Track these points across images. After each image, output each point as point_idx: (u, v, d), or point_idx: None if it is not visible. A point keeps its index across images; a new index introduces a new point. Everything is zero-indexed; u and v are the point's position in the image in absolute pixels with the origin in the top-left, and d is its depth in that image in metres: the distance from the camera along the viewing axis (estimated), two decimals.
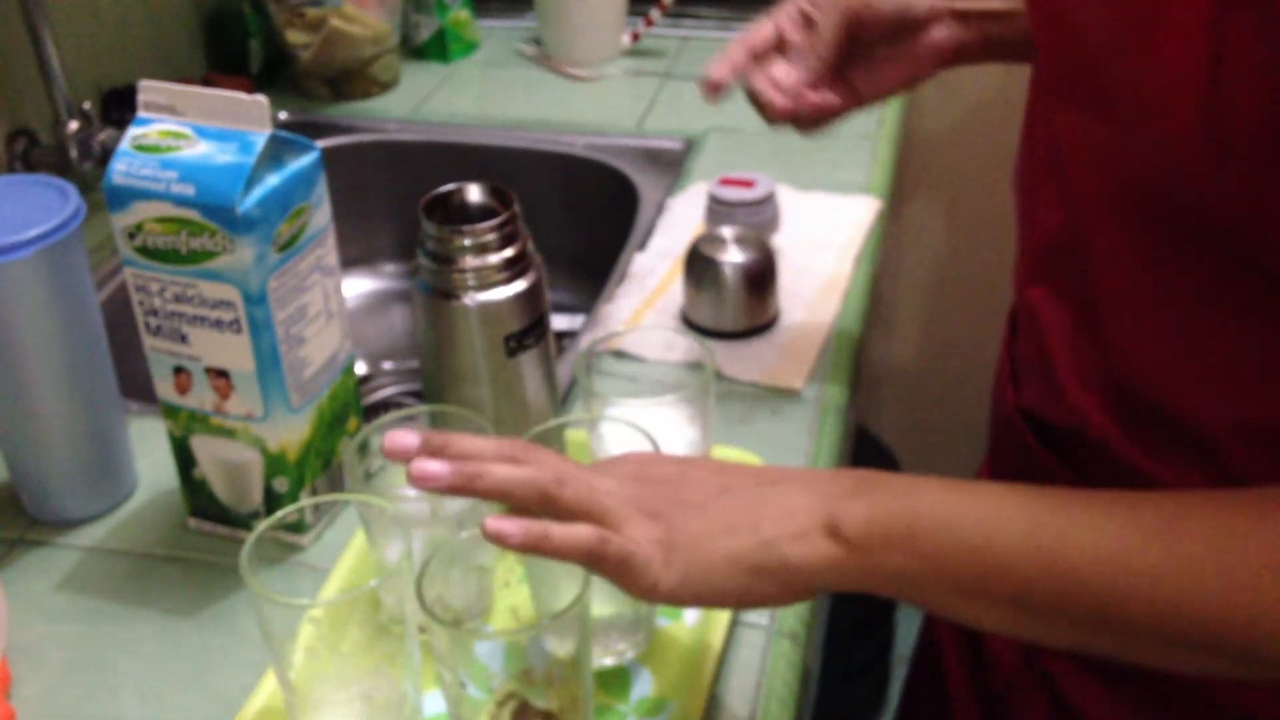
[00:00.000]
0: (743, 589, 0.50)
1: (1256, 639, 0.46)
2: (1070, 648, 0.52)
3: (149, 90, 0.63)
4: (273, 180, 0.62)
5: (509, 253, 0.64)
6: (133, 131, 0.63)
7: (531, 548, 0.49)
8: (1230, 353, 0.54)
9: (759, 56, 0.76)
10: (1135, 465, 0.61)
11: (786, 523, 0.50)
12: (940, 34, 0.75)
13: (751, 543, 0.50)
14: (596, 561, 0.49)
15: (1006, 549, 0.49)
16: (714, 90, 0.76)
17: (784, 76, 0.74)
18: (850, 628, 1.47)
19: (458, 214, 0.66)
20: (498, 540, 0.49)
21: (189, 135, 0.62)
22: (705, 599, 0.51)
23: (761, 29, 0.76)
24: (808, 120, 0.76)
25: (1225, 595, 0.46)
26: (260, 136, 0.61)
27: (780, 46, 0.76)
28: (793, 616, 0.65)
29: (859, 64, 0.76)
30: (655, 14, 1.29)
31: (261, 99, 0.61)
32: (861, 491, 0.51)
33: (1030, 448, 0.68)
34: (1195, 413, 0.57)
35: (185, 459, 0.69)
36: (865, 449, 1.57)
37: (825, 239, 0.96)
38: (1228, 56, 0.47)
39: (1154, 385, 0.59)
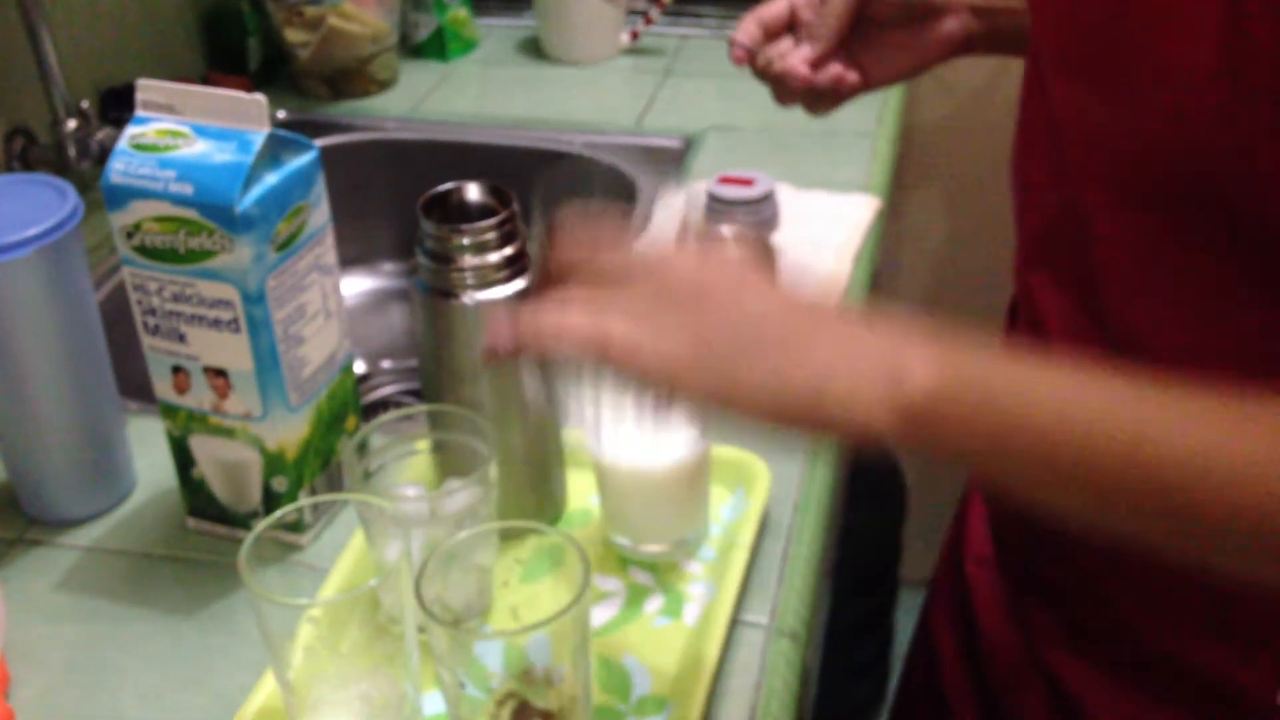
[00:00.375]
0: (774, 426, 0.45)
1: None
2: (1132, 535, 0.48)
3: (147, 89, 0.63)
4: (271, 179, 0.62)
5: (508, 251, 0.64)
6: (131, 130, 0.63)
7: (528, 347, 0.46)
8: (1234, 333, 0.54)
9: (770, 32, 0.76)
10: None
11: (843, 372, 0.44)
12: (953, 25, 0.75)
13: (797, 386, 0.44)
14: (604, 359, 0.45)
15: (1084, 436, 0.45)
16: (742, 53, 0.75)
17: (796, 52, 0.74)
18: (850, 627, 1.47)
19: (456, 213, 0.65)
20: (491, 357, 0.46)
21: (187, 134, 0.62)
22: (726, 409, 0.45)
23: (775, 5, 0.76)
24: (822, 96, 0.76)
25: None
26: (259, 135, 0.61)
27: (792, 25, 0.76)
28: (792, 616, 0.65)
29: (870, 47, 0.76)
30: (655, 12, 1.29)
31: (260, 98, 0.61)
32: (932, 351, 0.45)
33: None
34: None
35: (184, 458, 0.69)
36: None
37: (824, 237, 0.96)
38: (1244, 20, 0.46)
39: (1156, 368, 0.58)
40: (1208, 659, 0.63)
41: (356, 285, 1.20)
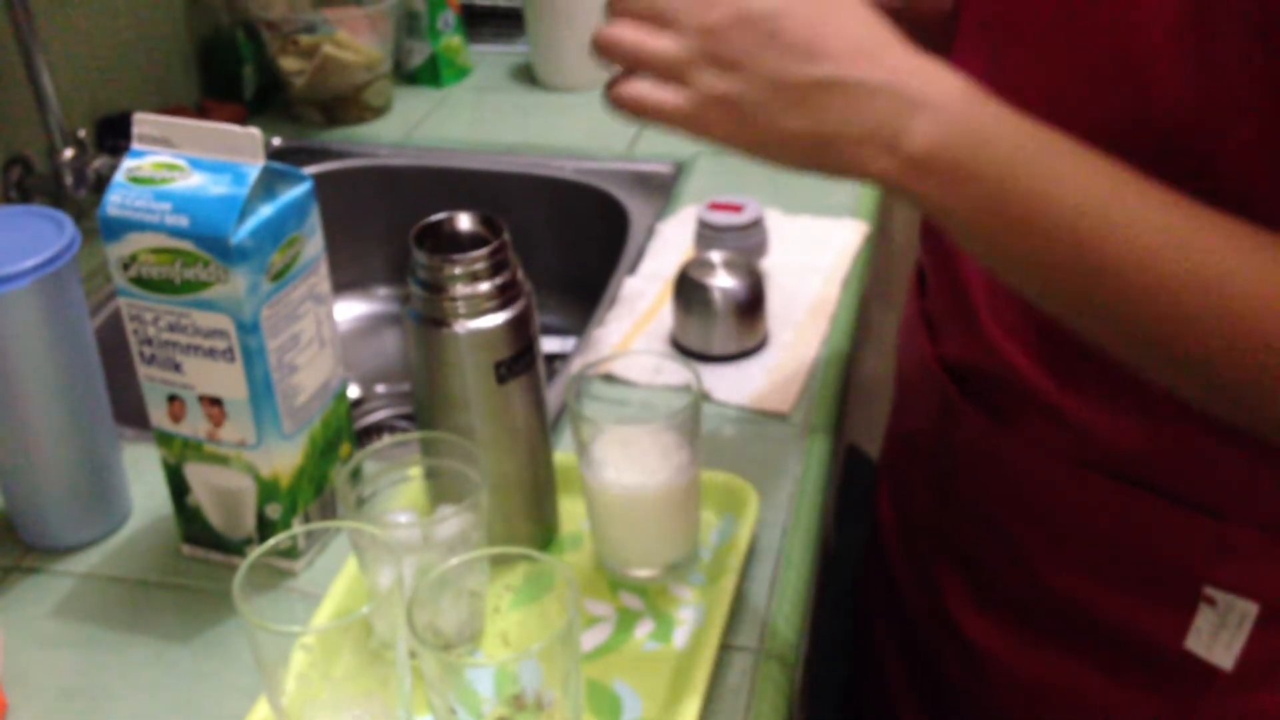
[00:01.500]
0: (790, 161, 0.52)
1: (1221, 360, 0.50)
2: (1055, 314, 0.54)
3: (143, 123, 0.64)
4: (266, 211, 0.63)
5: (499, 281, 0.65)
6: (127, 163, 0.64)
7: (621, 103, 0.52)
8: None
9: None
10: (1058, 406, 0.63)
11: (854, 123, 0.50)
12: None
13: (813, 131, 0.50)
14: (640, 112, 0.51)
15: (1050, 225, 0.49)
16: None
17: None
18: (837, 642, 1.47)
19: (448, 242, 0.66)
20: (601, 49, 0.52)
21: (183, 167, 0.63)
22: (749, 155, 0.53)
23: None
24: None
25: (1220, 320, 0.49)
26: (253, 168, 0.62)
27: None
28: (781, 640, 0.66)
29: None
30: None
31: (255, 131, 0.62)
32: (943, 117, 0.50)
33: (949, 398, 0.69)
34: None
35: (179, 486, 0.70)
36: (857, 467, 1.57)
37: (813, 262, 0.97)
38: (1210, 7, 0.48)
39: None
40: (1115, 610, 0.66)
41: (351, 310, 1.21)
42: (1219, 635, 0.63)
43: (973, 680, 0.74)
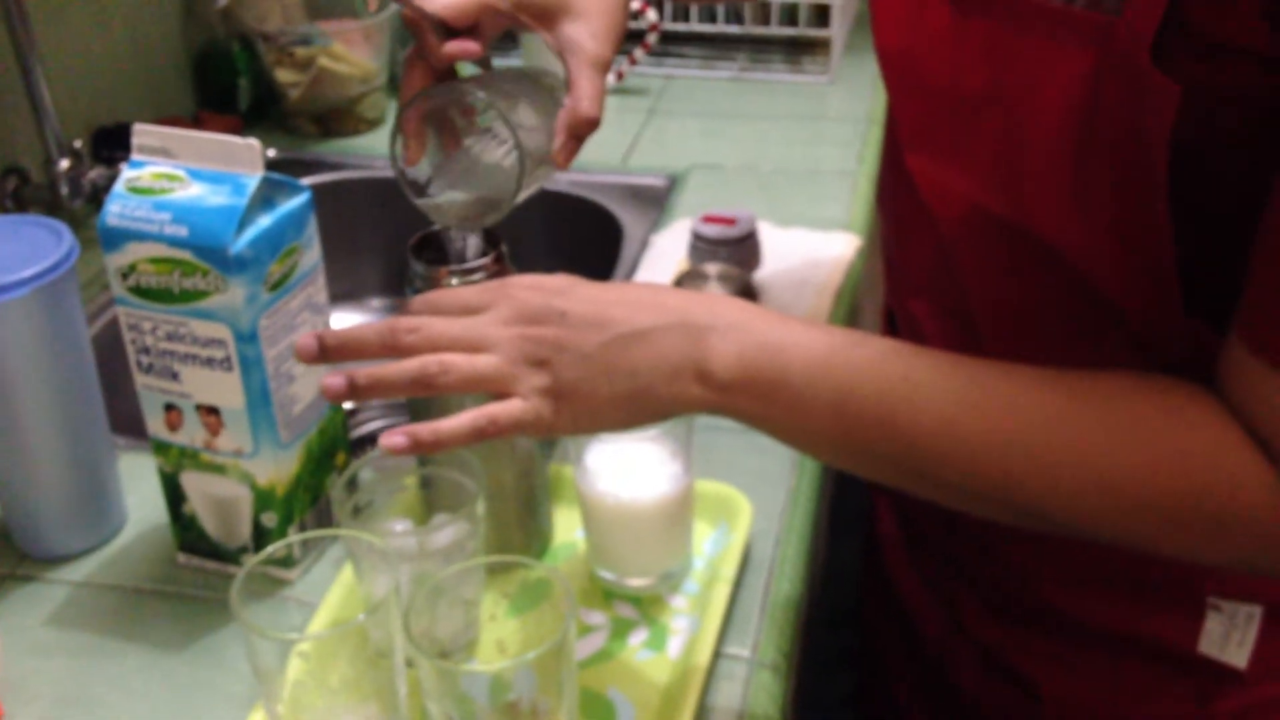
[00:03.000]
0: (624, 422, 0.55)
1: (1047, 506, 0.53)
2: (895, 488, 0.58)
3: (142, 134, 0.64)
4: (264, 221, 0.63)
5: None
6: (127, 174, 0.64)
7: (429, 449, 0.54)
8: (1103, 361, 0.57)
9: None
10: None
11: (660, 366, 0.54)
12: None
13: (630, 386, 0.54)
14: (495, 434, 0.54)
15: (858, 412, 0.53)
16: None
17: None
18: (835, 656, 1.47)
19: (445, 253, 0.67)
20: (392, 452, 0.54)
21: (182, 178, 0.63)
22: (594, 432, 0.58)
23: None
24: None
25: (1029, 471, 0.52)
26: (252, 179, 0.62)
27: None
28: (774, 649, 0.66)
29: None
30: (639, 53, 1.31)
31: (254, 142, 0.62)
32: (734, 336, 0.54)
33: None
34: None
35: (175, 494, 0.70)
36: (849, 480, 1.58)
37: (805, 275, 0.98)
38: (1098, 126, 0.51)
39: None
40: (1126, 624, 0.68)
41: (345, 321, 1.21)
42: (1230, 637, 0.66)
43: (986, 688, 0.75)
